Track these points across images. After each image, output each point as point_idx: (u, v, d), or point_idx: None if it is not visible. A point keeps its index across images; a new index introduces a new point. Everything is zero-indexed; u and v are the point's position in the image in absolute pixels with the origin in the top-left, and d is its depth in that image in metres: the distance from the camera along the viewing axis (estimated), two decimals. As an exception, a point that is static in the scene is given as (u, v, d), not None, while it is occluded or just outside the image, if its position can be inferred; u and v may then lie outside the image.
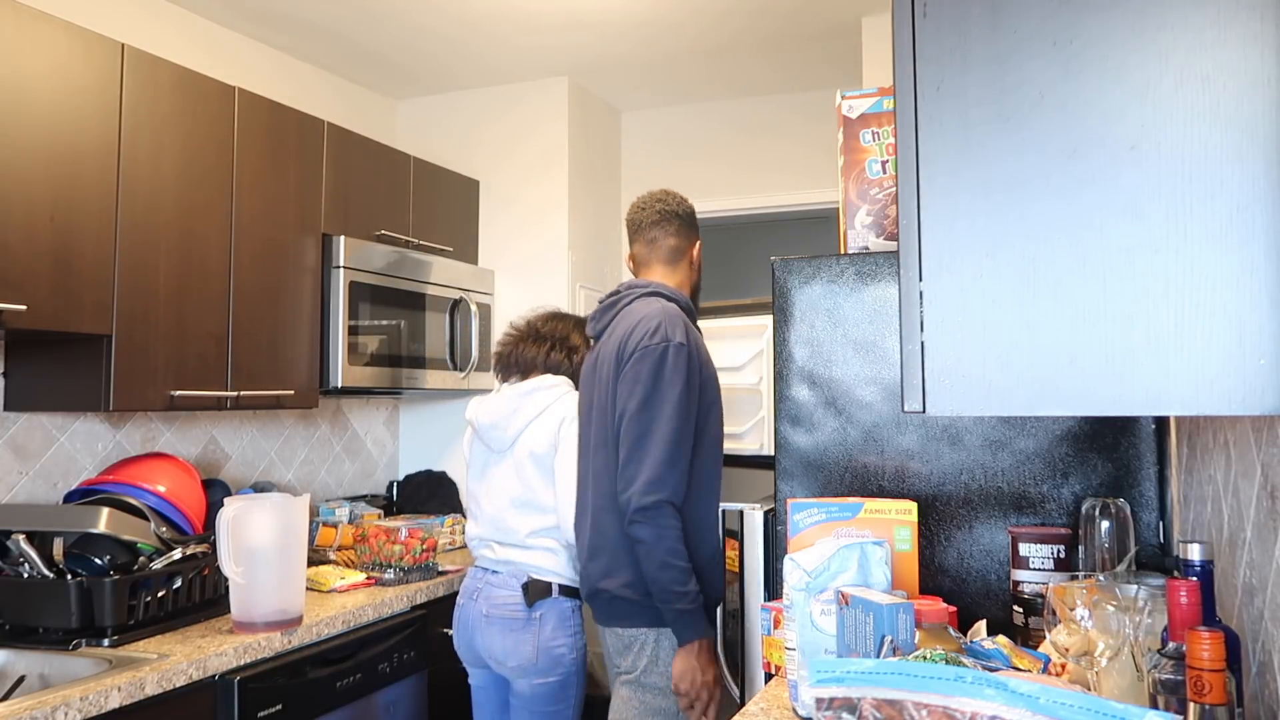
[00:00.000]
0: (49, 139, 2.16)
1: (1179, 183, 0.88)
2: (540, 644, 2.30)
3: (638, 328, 2.14)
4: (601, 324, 2.33)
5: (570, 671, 2.33)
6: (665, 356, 2.07)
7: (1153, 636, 1.21)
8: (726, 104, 4.02)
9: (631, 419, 2.07)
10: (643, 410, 2.06)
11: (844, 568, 1.49)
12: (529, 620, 2.30)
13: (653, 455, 2.03)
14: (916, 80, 0.98)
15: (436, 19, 3.15)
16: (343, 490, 3.54)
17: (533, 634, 2.30)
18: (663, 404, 2.05)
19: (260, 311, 2.73)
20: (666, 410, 2.05)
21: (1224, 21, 0.87)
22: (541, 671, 2.31)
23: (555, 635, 2.31)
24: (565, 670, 2.32)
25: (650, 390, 2.07)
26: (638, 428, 2.06)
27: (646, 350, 2.09)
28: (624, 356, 2.13)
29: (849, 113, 1.95)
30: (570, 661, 2.33)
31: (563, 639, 2.32)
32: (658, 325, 2.12)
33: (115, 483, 2.37)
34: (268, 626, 2.24)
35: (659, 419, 2.05)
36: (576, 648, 2.35)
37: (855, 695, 0.97)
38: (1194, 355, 0.87)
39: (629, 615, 2.10)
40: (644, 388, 2.07)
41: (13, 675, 2.06)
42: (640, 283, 2.31)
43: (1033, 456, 1.82)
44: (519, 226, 3.77)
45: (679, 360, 2.08)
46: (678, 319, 2.15)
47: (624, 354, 2.13)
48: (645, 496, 2.01)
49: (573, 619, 2.35)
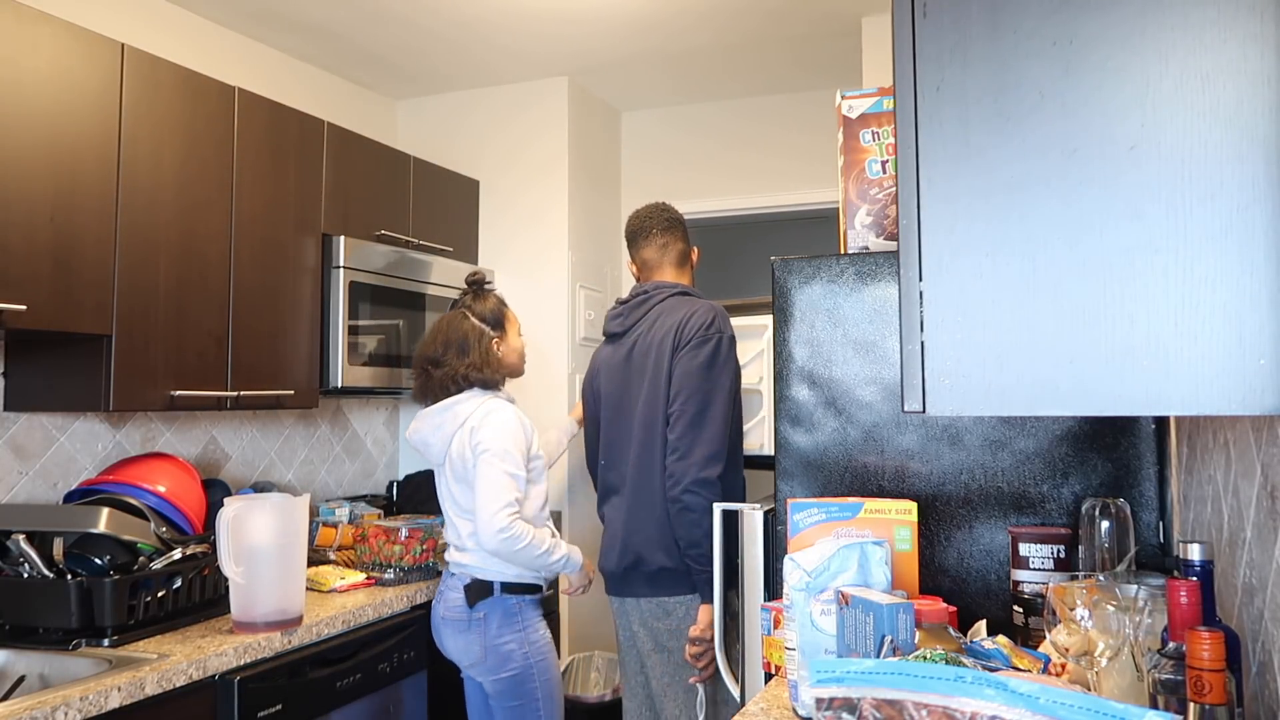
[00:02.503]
0: (49, 139, 2.16)
1: (1179, 183, 0.88)
2: (487, 642, 2.41)
3: (693, 319, 2.39)
4: (631, 320, 2.55)
5: (523, 666, 2.40)
6: (720, 346, 2.38)
7: (1153, 636, 1.21)
8: (726, 104, 4.02)
9: (690, 398, 2.34)
10: (700, 392, 2.34)
11: (844, 568, 1.49)
12: (472, 620, 2.42)
13: (709, 432, 2.32)
14: (916, 80, 0.98)
15: (437, 19, 3.15)
16: (343, 490, 3.54)
17: (478, 633, 2.42)
18: (718, 389, 2.35)
19: (260, 311, 2.73)
20: (720, 395, 2.35)
21: (1224, 21, 0.87)
22: (493, 669, 2.41)
23: (501, 633, 2.41)
24: (517, 665, 2.40)
25: (707, 374, 2.35)
26: (695, 406, 2.33)
27: (705, 339, 2.37)
28: (680, 344, 2.38)
29: (849, 113, 1.95)
30: (521, 656, 2.40)
31: (509, 635, 2.41)
32: (713, 319, 2.40)
33: (115, 483, 2.38)
34: (268, 626, 2.24)
35: (715, 401, 2.34)
36: (528, 642, 2.42)
37: (855, 695, 0.97)
38: (1194, 355, 0.87)
39: (674, 585, 2.38)
40: (702, 370, 2.35)
41: (13, 675, 2.06)
42: (666, 284, 2.57)
43: (1033, 456, 1.82)
44: (519, 226, 3.77)
45: (731, 352, 2.40)
46: (726, 315, 2.45)
47: (680, 341, 2.38)
48: (704, 471, 2.29)
49: (520, 615, 2.43)
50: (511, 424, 2.43)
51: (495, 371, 2.52)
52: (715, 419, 2.33)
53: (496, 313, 2.59)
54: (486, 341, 2.53)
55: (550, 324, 3.70)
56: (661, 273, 2.60)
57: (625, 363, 2.53)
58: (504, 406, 2.47)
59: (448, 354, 2.51)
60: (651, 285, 2.57)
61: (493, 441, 2.38)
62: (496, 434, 2.39)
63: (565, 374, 3.70)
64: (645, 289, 2.57)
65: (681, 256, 2.62)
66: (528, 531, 2.36)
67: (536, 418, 3.61)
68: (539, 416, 3.63)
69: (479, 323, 2.56)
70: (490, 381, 2.51)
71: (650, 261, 2.61)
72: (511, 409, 2.48)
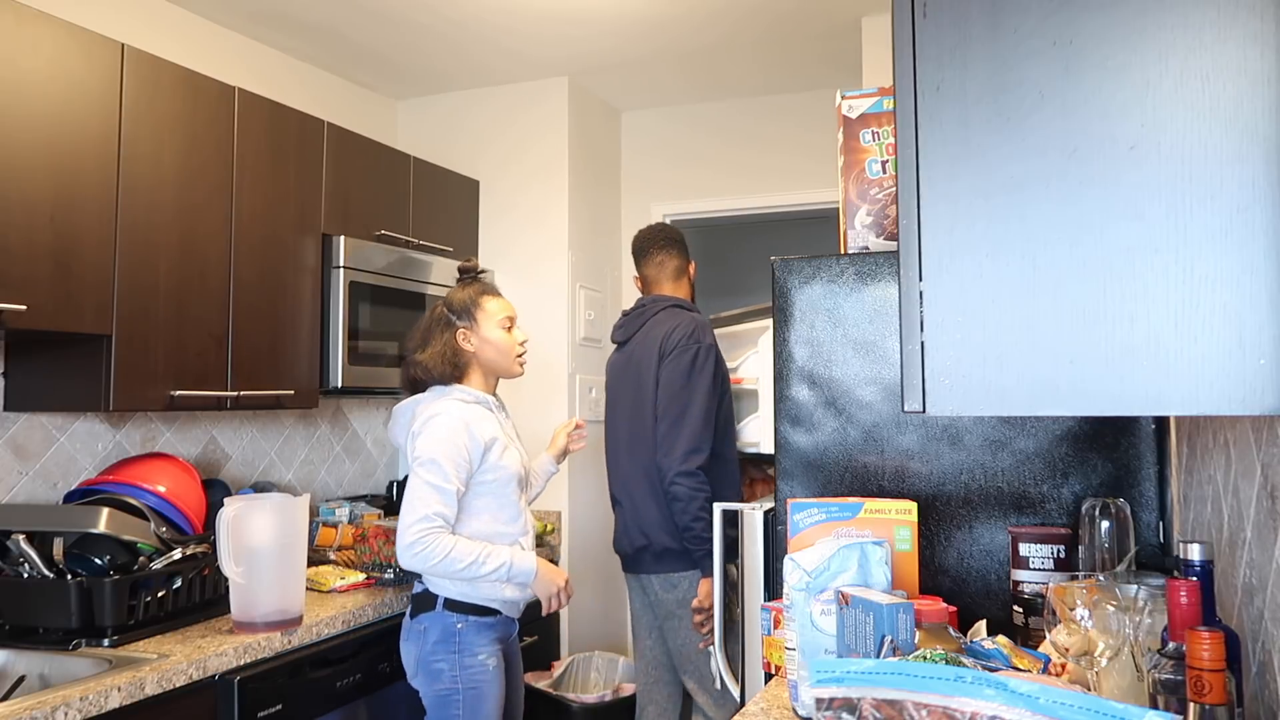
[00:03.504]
0: (49, 139, 2.16)
1: (1179, 183, 0.88)
2: (421, 655, 2.28)
3: (676, 331, 2.72)
4: (631, 330, 2.88)
5: (449, 689, 2.24)
6: (698, 355, 2.68)
7: (1153, 636, 1.21)
8: (726, 104, 4.02)
9: (672, 401, 2.65)
10: (681, 395, 2.63)
11: (844, 568, 1.49)
12: (411, 629, 2.32)
13: (689, 430, 2.61)
14: (916, 80, 0.98)
15: (437, 19, 3.15)
16: (343, 490, 3.54)
17: (415, 644, 2.30)
18: (696, 392, 2.64)
19: (260, 311, 2.73)
20: (699, 397, 2.65)
21: (1224, 21, 0.87)
22: (423, 683, 2.29)
23: (435, 649, 2.26)
24: (444, 687, 2.25)
25: (686, 380, 2.65)
26: (677, 408, 2.65)
27: (685, 349, 2.69)
28: (664, 353, 2.71)
29: (849, 113, 1.95)
30: (450, 678, 2.25)
31: (443, 655, 2.26)
32: (692, 330, 2.72)
33: (115, 483, 2.38)
34: (268, 626, 2.24)
35: (694, 403, 2.64)
36: (461, 666, 2.25)
37: (855, 695, 0.97)
38: (1194, 355, 0.87)
39: (677, 562, 2.68)
40: (682, 377, 2.66)
41: (13, 675, 2.06)
42: (662, 297, 2.88)
43: (1033, 456, 1.82)
44: (519, 226, 3.77)
45: (708, 359, 2.70)
46: (706, 326, 2.77)
47: (664, 351, 2.71)
48: (685, 463, 2.59)
49: (458, 637, 2.26)
50: (449, 428, 2.23)
51: (455, 367, 2.34)
52: (694, 418, 2.63)
53: (467, 301, 2.38)
54: (451, 332, 2.36)
55: (550, 324, 3.70)
56: (660, 286, 2.93)
57: (625, 368, 2.86)
58: (450, 409, 2.26)
59: (415, 343, 2.40)
60: (649, 299, 2.90)
61: (422, 449, 2.22)
62: (427, 441, 2.22)
63: (565, 374, 3.70)
64: (644, 302, 2.90)
65: (678, 271, 2.94)
66: (445, 545, 2.17)
67: (537, 418, 3.62)
68: (539, 417, 3.64)
69: (446, 310, 2.39)
70: (445, 376, 2.33)
71: (650, 277, 2.95)
72: (459, 411, 2.26)
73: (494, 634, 2.32)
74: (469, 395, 2.34)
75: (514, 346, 2.42)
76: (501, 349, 2.39)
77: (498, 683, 2.30)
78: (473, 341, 2.37)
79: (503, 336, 2.39)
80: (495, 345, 2.38)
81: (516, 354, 2.42)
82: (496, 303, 2.42)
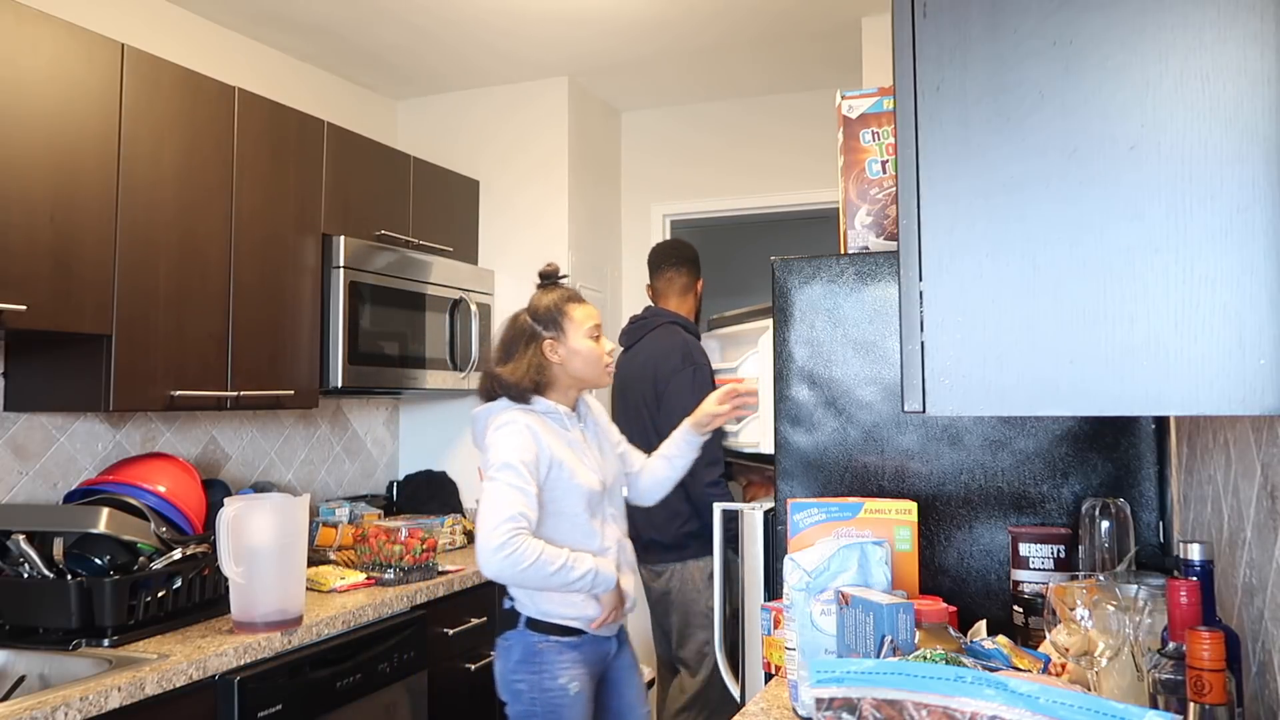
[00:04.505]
0: (49, 139, 2.15)
1: (1179, 183, 0.88)
2: (504, 673, 2.22)
3: (672, 354, 3.02)
4: (634, 338, 3.18)
5: (528, 711, 2.17)
6: (695, 375, 2.98)
7: (1153, 636, 1.21)
8: (726, 104, 4.02)
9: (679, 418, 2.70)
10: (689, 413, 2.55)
11: (844, 568, 1.49)
12: (499, 646, 2.25)
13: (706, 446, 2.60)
14: (916, 80, 0.98)
15: (437, 20, 3.15)
16: (343, 490, 3.54)
17: (501, 662, 2.24)
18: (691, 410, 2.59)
19: (260, 311, 2.73)
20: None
21: (1224, 21, 0.87)
22: (505, 699, 2.23)
23: (517, 669, 2.19)
24: (523, 707, 2.17)
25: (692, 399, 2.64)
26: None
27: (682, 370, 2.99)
28: (660, 375, 3.03)
29: (849, 113, 1.94)
30: (529, 700, 2.16)
31: (524, 674, 2.17)
32: (686, 352, 3.02)
33: (115, 483, 2.37)
34: (268, 626, 2.24)
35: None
36: (541, 689, 2.16)
37: (855, 695, 0.97)
38: (1194, 355, 0.87)
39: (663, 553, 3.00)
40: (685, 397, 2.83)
41: (13, 675, 2.06)
42: (663, 312, 3.20)
43: (1033, 456, 1.82)
44: (519, 226, 3.77)
45: (699, 375, 2.99)
46: (697, 346, 3.07)
47: (660, 373, 3.03)
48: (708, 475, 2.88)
49: (540, 658, 2.17)
50: (517, 434, 2.14)
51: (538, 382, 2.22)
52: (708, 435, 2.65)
53: (552, 309, 2.25)
54: (536, 344, 2.23)
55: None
56: (667, 300, 3.25)
57: (629, 372, 3.14)
58: (518, 418, 2.17)
59: (496, 355, 2.29)
60: (651, 312, 3.23)
61: (495, 456, 2.12)
62: (499, 448, 2.12)
63: (565, 374, 3.69)
64: (646, 315, 3.23)
65: (685, 289, 3.26)
66: (535, 547, 2.04)
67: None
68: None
69: (531, 320, 2.26)
70: (527, 391, 2.22)
71: (660, 289, 3.28)
72: (526, 419, 2.17)
73: (580, 655, 2.20)
74: (542, 406, 2.24)
75: (602, 356, 2.28)
76: (590, 359, 2.25)
77: (580, 709, 2.18)
78: (559, 353, 2.23)
79: (590, 346, 2.25)
80: (583, 355, 2.24)
81: (605, 364, 2.28)
82: (583, 310, 2.28)
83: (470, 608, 2.95)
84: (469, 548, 3.38)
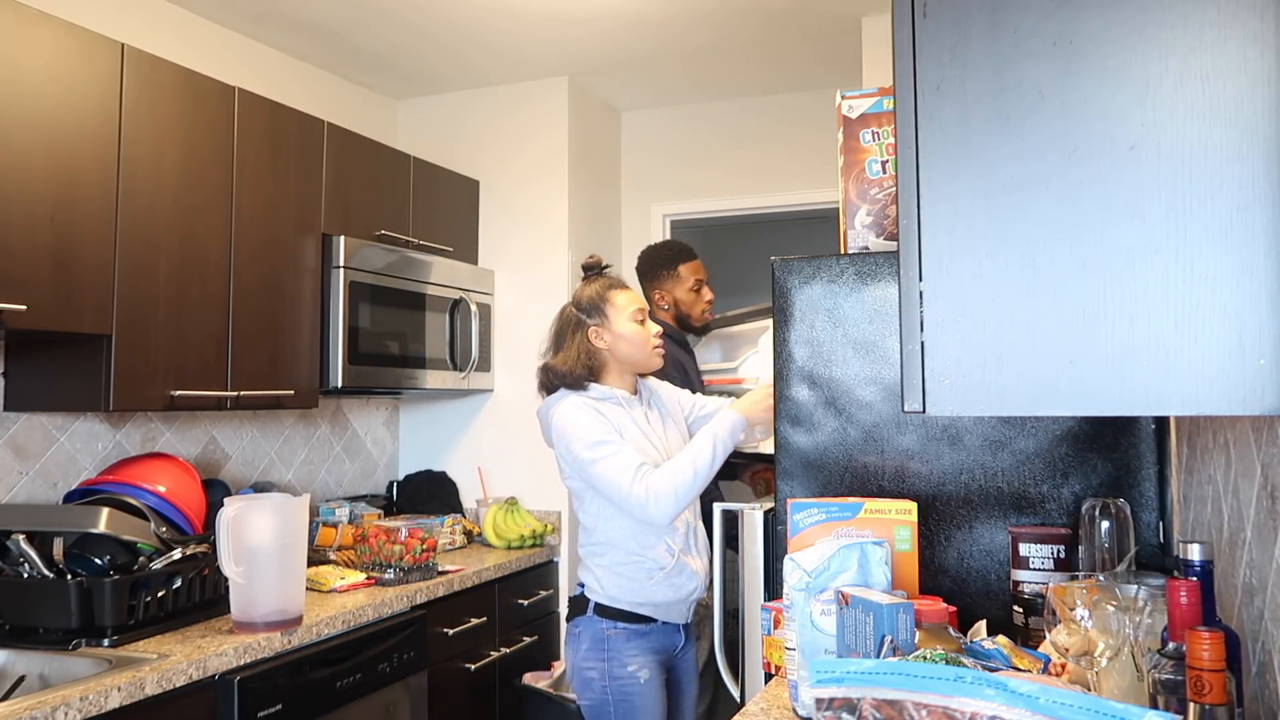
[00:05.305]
0: (49, 139, 2.15)
1: (1179, 183, 0.88)
2: (575, 662, 2.25)
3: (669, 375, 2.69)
4: None
5: (599, 699, 2.19)
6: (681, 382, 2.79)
7: (1153, 636, 1.21)
8: (726, 104, 4.02)
9: None
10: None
11: (844, 568, 1.49)
12: (569, 634, 2.30)
13: None
14: (916, 80, 0.98)
15: (437, 20, 3.15)
16: (343, 490, 3.54)
17: (571, 650, 2.27)
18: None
19: (260, 311, 2.73)
20: None
21: (1224, 21, 0.87)
22: (577, 690, 2.26)
23: (588, 656, 2.23)
24: (594, 696, 2.20)
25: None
26: None
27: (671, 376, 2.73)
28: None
29: (849, 113, 1.94)
30: (600, 688, 2.19)
31: (594, 661, 2.21)
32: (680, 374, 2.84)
33: (115, 483, 2.37)
34: (268, 626, 2.24)
35: None
36: (610, 676, 2.18)
37: (855, 695, 0.97)
38: (1194, 355, 0.87)
39: None
40: None
41: (13, 675, 2.06)
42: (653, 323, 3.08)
43: (1033, 456, 1.82)
44: (519, 226, 3.77)
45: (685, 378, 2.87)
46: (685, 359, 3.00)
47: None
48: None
49: (608, 644, 2.20)
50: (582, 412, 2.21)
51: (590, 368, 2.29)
52: None
53: (595, 298, 2.33)
54: (582, 332, 2.30)
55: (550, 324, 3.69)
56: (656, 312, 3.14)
57: None
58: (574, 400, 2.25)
59: (548, 348, 2.37)
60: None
61: (577, 443, 2.18)
62: (576, 434, 2.19)
63: (565, 374, 3.69)
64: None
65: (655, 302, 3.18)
66: (667, 474, 2.12)
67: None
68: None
69: (575, 310, 2.34)
70: (580, 379, 2.28)
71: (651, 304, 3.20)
72: (582, 400, 2.25)
73: (648, 643, 2.23)
74: (598, 393, 2.29)
75: (649, 339, 2.33)
76: (636, 342, 2.31)
77: (653, 697, 2.20)
78: (605, 338, 2.31)
79: (636, 330, 2.31)
80: (629, 339, 2.31)
81: (653, 345, 2.34)
82: (625, 295, 2.35)
83: (470, 608, 2.96)
84: (469, 548, 3.38)
